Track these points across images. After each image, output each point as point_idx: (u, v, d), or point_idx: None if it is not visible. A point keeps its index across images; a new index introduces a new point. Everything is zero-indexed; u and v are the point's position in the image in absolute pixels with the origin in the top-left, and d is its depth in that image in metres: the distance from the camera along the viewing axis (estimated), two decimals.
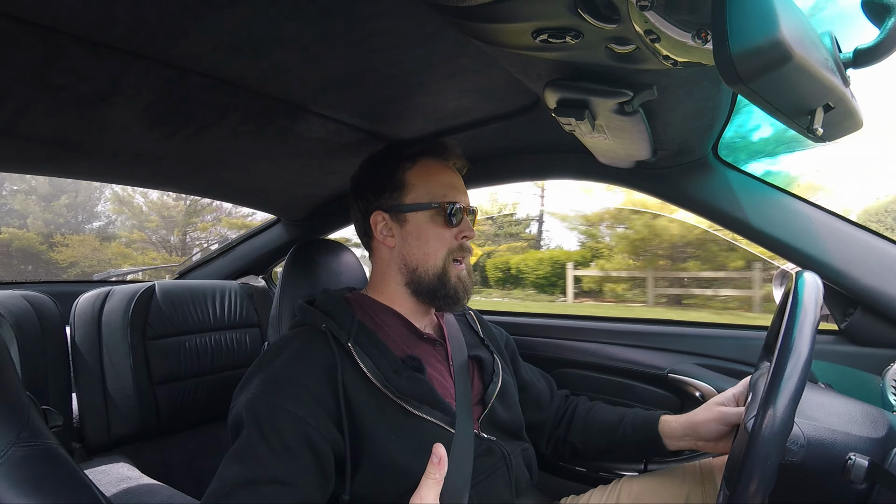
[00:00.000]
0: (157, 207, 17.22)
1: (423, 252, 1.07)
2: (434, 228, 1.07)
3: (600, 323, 1.61)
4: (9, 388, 0.77)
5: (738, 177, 1.21)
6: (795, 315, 0.69)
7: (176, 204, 17.39)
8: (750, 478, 0.63)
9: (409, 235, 1.08)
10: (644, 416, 1.17)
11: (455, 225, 1.08)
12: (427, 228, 1.08)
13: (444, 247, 1.07)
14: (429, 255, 1.07)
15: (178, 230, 17.51)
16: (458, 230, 1.09)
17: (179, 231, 17.57)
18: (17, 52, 0.79)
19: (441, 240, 1.07)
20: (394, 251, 1.10)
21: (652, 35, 0.57)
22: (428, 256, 1.07)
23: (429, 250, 1.07)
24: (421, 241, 1.08)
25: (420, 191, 1.09)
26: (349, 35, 0.83)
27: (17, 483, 0.69)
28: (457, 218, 1.08)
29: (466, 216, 1.11)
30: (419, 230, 1.08)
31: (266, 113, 1.12)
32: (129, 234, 17.21)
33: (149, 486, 1.25)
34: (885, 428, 0.75)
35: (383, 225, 1.10)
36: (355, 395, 0.92)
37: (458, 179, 1.14)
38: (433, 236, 1.07)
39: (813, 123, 0.60)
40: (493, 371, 1.14)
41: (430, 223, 1.08)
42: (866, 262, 1.08)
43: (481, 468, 1.00)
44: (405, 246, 1.09)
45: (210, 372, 1.67)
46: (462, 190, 1.13)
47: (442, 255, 1.07)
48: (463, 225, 1.09)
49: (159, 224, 17.26)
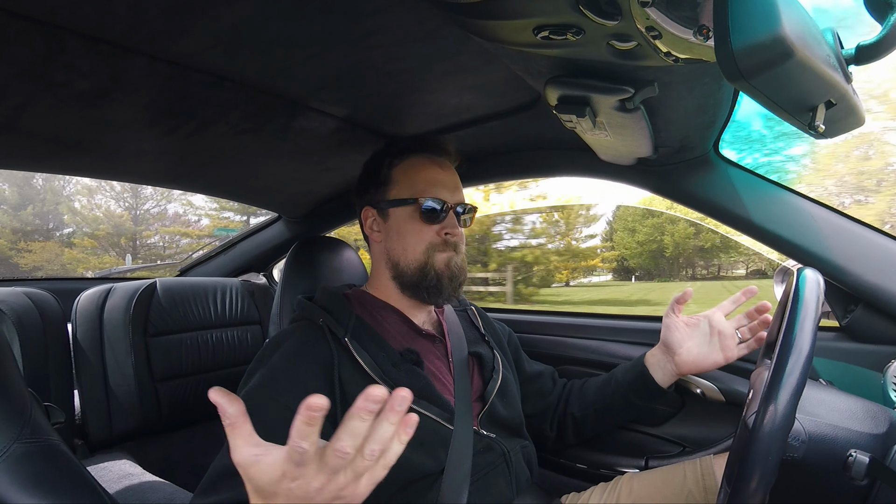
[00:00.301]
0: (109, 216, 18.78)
1: (402, 247, 1.08)
2: (413, 224, 1.08)
3: (601, 320, 1.61)
4: (11, 384, 0.77)
5: (740, 173, 1.21)
6: (797, 311, 0.69)
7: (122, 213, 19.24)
8: (751, 473, 0.63)
9: (391, 230, 1.10)
10: (631, 362, 1.24)
11: (436, 222, 1.08)
12: (406, 224, 1.08)
13: (422, 243, 1.07)
14: (407, 251, 1.08)
15: (125, 238, 19.08)
16: (441, 227, 1.08)
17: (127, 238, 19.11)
18: (18, 48, 0.79)
19: (418, 236, 1.07)
20: (381, 246, 1.12)
21: (653, 31, 0.57)
22: (406, 251, 1.08)
23: (407, 245, 1.08)
24: (400, 236, 1.08)
25: (402, 186, 1.10)
26: (350, 32, 0.83)
27: (20, 480, 0.69)
28: (437, 215, 1.07)
29: (453, 213, 1.10)
30: (399, 226, 1.09)
31: (266, 110, 1.12)
32: (81, 241, 18.61)
33: (150, 483, 1.26)
34: (886, 424, 0.75)
35: (372, 220, 1.13)
36: (352, 389, 0.92)
37: (446, 176, 1.13)
38: (411, 232, 1.08)
39: (815, 120, 0.59)
40: (493, 368, 1.14)
41: (409, 219, 1.08)
42: (868, 258, 1.08)
43: (480, 465, 1.00)
44: (388, 241, 1.10)
45: (211, 369, 1.68)
46: (450, 186, 1.12)
47: (420, 249, 1.07)
48: (446, 222, 1.09)
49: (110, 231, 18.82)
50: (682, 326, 1.14)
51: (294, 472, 0.52)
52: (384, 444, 0.52)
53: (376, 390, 0.50)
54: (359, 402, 0.50)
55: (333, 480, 0.52)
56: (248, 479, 0.55)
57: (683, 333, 1.14)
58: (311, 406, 0.49)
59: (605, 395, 1.23)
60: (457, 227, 1.09)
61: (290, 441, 0.50)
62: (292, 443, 0.50)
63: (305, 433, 0.50)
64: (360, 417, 0.50)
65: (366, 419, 0.51)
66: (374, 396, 0.50)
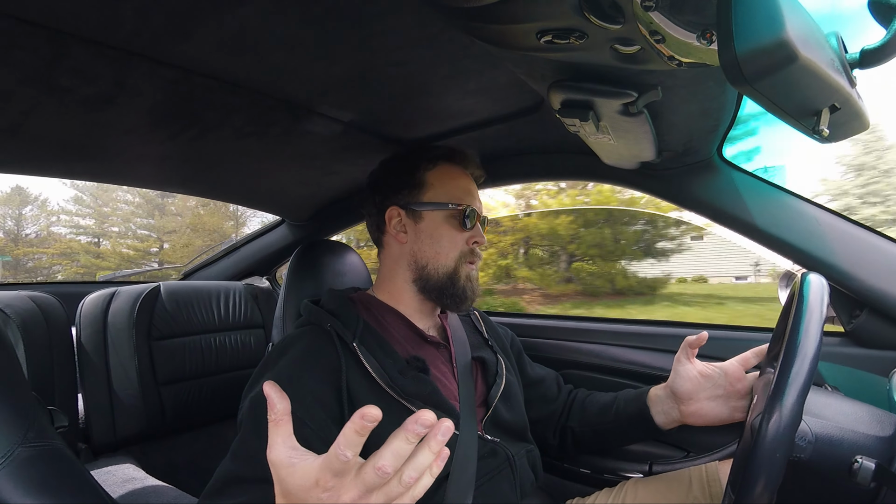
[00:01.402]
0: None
1: (434, 251, 1.09)
2: (448, 229, 1.09)
3: (604, 324, 1.61)
4: (15, 388, 0.78)
5: (744, 178, 1.20)
6: (801, 315, 0.69)
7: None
8: (757, 476, 0.63)
9: (423, 233, 1.10)
10: (635, 392, 1.19)
11: (469, 228, 1.10)
12: (442, 228, 1.09)
13: (455, 249, 1.09)
14: (440, 255, 1.09)
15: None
16: (471, 235, 1.11)
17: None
18: (23, 53, 0.80)
19: (454, 241, 1.09)
20: (405, 247, 1.11)
21: (657, 36, 0.57)
22: (439, 255, 1.09)
23: (441, 249, 1.09)
24: (434, 239, 1.09)
25: (438, 191, 1.11)
26: (353, 36, 0.83)
27: (23, 483, 0.69)
28: (471, 222, 1.10)
29: (479, 223, 1.13)
30: (433, 229, 1.09)
31: (270, 114, 1.13)
32: None
33: (154, 487, 1.26)
34: (892, 428, 0.75)
35: (398, 220, 1.12)
36: (360, 395, 0.92)
37: (474, 187, 1.17)
38: (447, 237, 1.09)
39: (819, 124, 0.59)
40: (496, 372, 1.14)
41: (444, 224, 1.09)
42: (873, 263, 1.08)
43: (485, 469, 1.00)
44: (417, 242, 1.10)
45: (215, 373, 1.68)
46: (477, 198, 1.16)
47: (454, 255, 1.09)
48: (475, 231, 1.11)
49: None
50: (696, 377, 1.04)
51: (329, 481, 0.51)
52: (420, 472, 0.50)
53: (427, 414, 0.49)
54: (409, 423, 0.49)
55: (364, 498, 0.51)
56: (279, 481, 0.55)
57: (696, 385, 1.04)
58: (366, 416, 0.48)
59: (606, 420, 1.20)
60: (483, 237, 1.13)
61: (334, 447, 0.50)
62: (337, 450, 0.49)
63: (353, 442, 0.49)
64: (406, 439, 0.49)
65: (411, 442, 0.49)
66: (425, 420, 0.48)
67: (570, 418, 1.26)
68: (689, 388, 1.05)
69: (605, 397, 1.24)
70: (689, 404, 1.05)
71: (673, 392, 1.08)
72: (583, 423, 1.24)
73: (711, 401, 1.04)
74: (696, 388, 1.04)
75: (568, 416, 1.27)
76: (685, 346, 1.06)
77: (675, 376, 1.07)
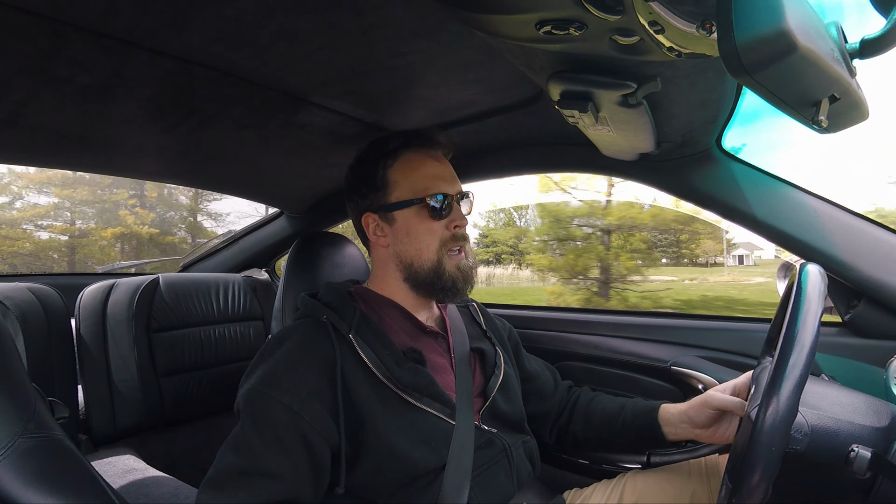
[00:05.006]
0: None
1: (415, 248, 1.07)
2: (423, 223, 1.06)
3: (603, 315, 1.61)
4: (15, 380, 0.78)
5: (743, 169, 1.20)
6: (799, 306, 0.69)
7: None
8: (754, 466, 0.64)
9: (400, 233, 1.08)
10: (644, 405, 1.17)
11: (444, 216, 1.07)
12: (416, 224, 1.07)
13: (435, 239, 1.06)
14: (422, 250, 1.06)
15: None
16: (449, 220, 1.08)
17: None
18: (20, 43, 0.79)
19: (432, 233, 1.06)
20: (388, 250, 1.10)
21: (656, 26, 0.56)
22: (421, 251, 1.06)
23: (421, 245, 1.06)
24: (411, 237, 1.07)
25: (403, 187, 1.08)
26: (352, 26, 0.83)
27: (24, 474, 0.69)
28: (444, 209, 1.07)
29: (456, 204, 1.09)
30: (408, 227, 1.07)
31: (268, 105, 1.12)
32: None
33: (154, 478, 1.26)
34: (888, 418, 0.75)
35: (375, 226, 1.10)
36: (356, 386, 0.92)
37: (442, 168, 1.11)
38: (423, 231, 1.06)
39: (818, 115, 0.59)
40: (494, 363, 1.14)
41: (417, 219, 1.07)
42: (871, 253, 1.08)
43: (482, 460, 1.00)
44: (398, 244, 1.08)
45: (214, 364, 1.68)
46: (448, 178, 1.10)
47: (434, 247, 1.06)
48: (452, 214, 1.08)
49: None
50: (727, 405, 1.01)
51: None
52: None
53: None
54: None
55: None
56: None
57: (718, 416, 1.04)
58: None
59: (612, 430, 1.19)
60: (463, 218, 1.09)
61: None
62: None
63: None
64: None
65: None
66: None
67: (573, 422, 1.25)
68: (712, 417, 1.04)
69: (611, 405, 1.22)
70: (707, 430, 1.06)
71: (690, 418, 1.07)
72: (587, 430, 1.23)
73: (729, 424, 1.04)
74: (719, 418, 1.04)
75: (570, 420, 1.26)
76: (730, 387, 1.04)
77: (700, 409, 1.05)
